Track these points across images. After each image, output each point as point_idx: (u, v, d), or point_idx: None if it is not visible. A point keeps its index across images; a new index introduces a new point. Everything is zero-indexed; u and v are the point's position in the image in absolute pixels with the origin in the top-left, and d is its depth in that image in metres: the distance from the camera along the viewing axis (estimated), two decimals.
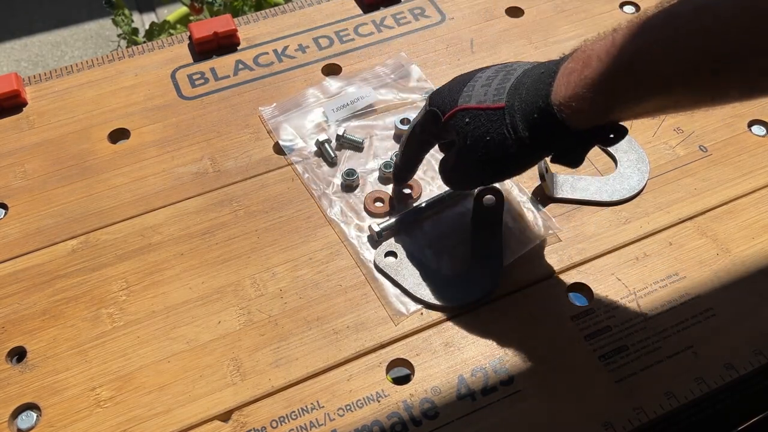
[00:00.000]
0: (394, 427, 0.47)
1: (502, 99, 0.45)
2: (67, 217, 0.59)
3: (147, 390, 0.49)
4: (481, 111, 0.45)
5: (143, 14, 1.94)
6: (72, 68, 0.71)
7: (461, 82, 0.48)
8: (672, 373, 0.49)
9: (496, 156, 0.45)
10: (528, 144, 0.44)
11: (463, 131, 0.46)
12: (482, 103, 0.45)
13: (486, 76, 0.47)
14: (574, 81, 0.41)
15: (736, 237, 0.56)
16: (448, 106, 0.47)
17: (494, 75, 0.47)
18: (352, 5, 0.77)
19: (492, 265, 0.54)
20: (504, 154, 0.45)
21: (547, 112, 0.42)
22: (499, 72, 0.47)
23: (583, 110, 0.41)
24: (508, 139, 0.44)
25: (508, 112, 0.44)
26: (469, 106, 0.46)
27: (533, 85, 0.44)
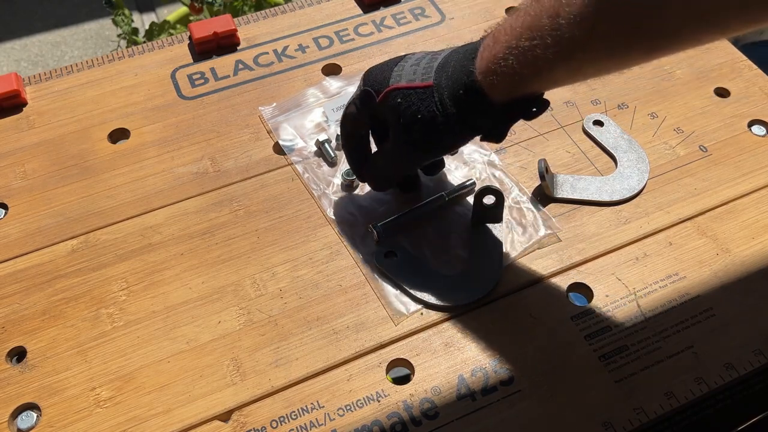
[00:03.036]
0: (394, 427, 0.47)
1: (430, 77, 0.47)
2: (67, 217, 0.59)
3: (147, 390, 0.49)
4: (411, 90, 0.47)
5: (143, 14, 1.94)
6: (72, 68, 0.71)
7: (392, 62, 0.50)
8: (672, 373, 0.49)
9: (428, 133, 0.47)
10: (456, 119, 0.46)
11: (396, 111, 0.48)
12: (412, 82, 0.47)
13: (416, 57, 0.49)
14: (488, 56, 0.44)
15: (736, 237, 0.56)
16: (382, 85, 0.49)
17: (423, 56, 0.49)
18: (352, 5, 0.77)
19: (492, 265, 0.54)
20: (435, 131, 0.47)
21: (471, 87, 0.44)
22: (428, 54, 0.49)
23: (498, 82, 0.43)
24: (438, 116, 0.46)
25: (437, 89, 0.46)
26: (400, 85, 0.48)
27: (459, 63, 0.46)
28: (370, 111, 0.51)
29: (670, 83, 0.68)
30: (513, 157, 0.62)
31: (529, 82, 0.43)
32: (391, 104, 0.48)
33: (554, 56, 0.40)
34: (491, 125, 0.47)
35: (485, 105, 0.45)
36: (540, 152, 0.63)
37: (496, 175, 0.61)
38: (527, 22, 0.41)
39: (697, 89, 0.67)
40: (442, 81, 0.46)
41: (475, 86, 0.44)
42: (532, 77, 0.43)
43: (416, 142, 0.48)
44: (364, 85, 0.51)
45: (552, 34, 0.40)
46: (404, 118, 0.48)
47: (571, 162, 0.62)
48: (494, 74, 0.43)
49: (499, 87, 0.44)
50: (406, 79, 0.48)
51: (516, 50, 0.41)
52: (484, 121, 0.47)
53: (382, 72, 0.50)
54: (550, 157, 0.62)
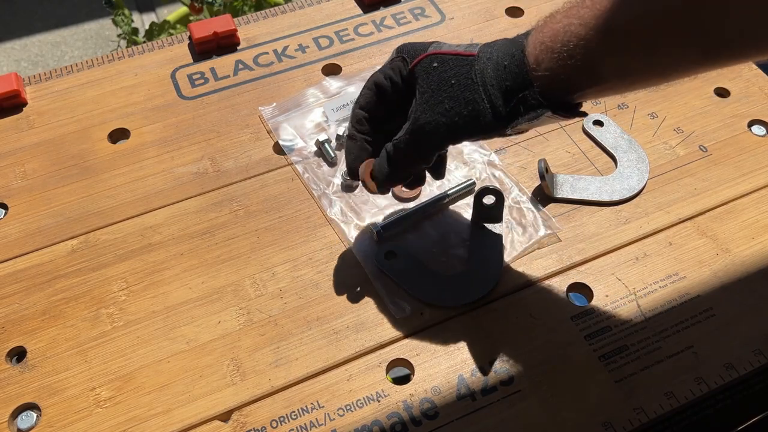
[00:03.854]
0: (394, 427, 0.47)
1: (474, 49, 0.44)
2: (67, 217, 0.59)
3: (147, 390, 0.49)
4: (451, 56, 0.43)
5: (143, 14, 1.94)
6: (72, 68, 0.71)
7: (431, 41, 0.47)
8: (672, 373, 0.49)
9: (458, 103, 0.42)
10: (493, 94, 0.42)
11: (429, 75, 0.43)
12: (454, 50, 0.44)
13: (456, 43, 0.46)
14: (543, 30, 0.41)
15: (736, 237, 0.56)
16: (418, 52, 0.45)
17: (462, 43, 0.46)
18: (352, 5, 0.77)
19: (492, 265, 0.54)
20: (468, 99, 0.42)
21: (519, 59, 0.41)
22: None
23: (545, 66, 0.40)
24: (473, 84, 0.42)
25: (479, 60, 0.43)
26: (440, 51, 0.44)
27: (508, 42, 0.43)
28: (400, 79, 0.46)
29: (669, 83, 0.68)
30: (513, 157, 0.62)
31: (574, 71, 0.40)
32: (425, 69, 0.44)
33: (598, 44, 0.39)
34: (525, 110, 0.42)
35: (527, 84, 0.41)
36: (540, 152, 0.63)
37: (496, 175, 0.61)
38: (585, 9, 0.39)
39: (697, 89, 0.67)
40: (488, 52, 0.43)
41: (523, 59, 0.41)
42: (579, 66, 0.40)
43: (444, 111, 0.43)
44: (398, 52, 0.46)
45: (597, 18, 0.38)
46: (436, 83, 0.43)
47: (571, 162, 0.62)
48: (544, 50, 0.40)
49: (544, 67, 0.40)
50: (448, 47, 0.44)
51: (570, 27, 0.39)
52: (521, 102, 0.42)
53: (421, 44, 0.46)
54: (550, 157, 0.62)
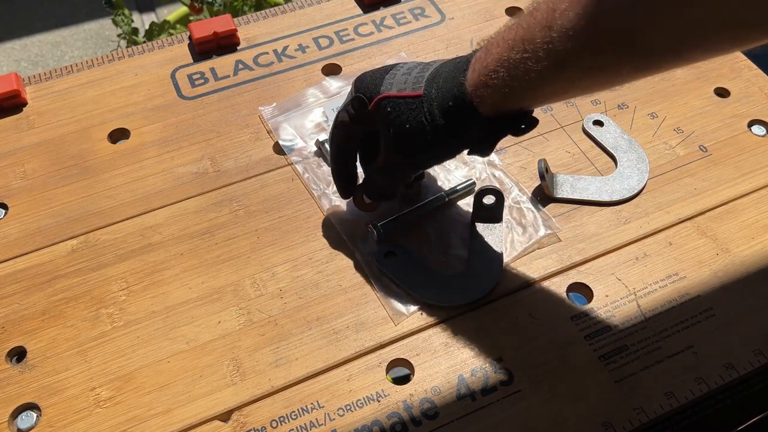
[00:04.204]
0: (394, 427, 0.47)
1: (420, 87, 0.46)
2: (67, 217, 0.59)
3: (147, 390, 0.49)
4: (401, 99, 0.47)
5: (143, 14, 1.94)
6: (72, 68, 0.71)
7: (384, 69, 0.50)
8: (672, 373, 0.49)
9: (415, 144, 0.47)
10: (444, 132, 0.46)
11: (386, 120, 0.48)
12: (402, 91, 0.47)
13: (408, 66, 0.49)
14: (479, 68, 0.43)
15: (736, 237, 0.56)
16: (373, 93, 0.49)
17: (415, 66, 0.49)
18: (352, 5, 0.77)
19: (492, 265, 0.54)
20: (423, 141, 0.47)
21: (461, 99, 0.44)
22: (420, 64, 0.49)
23: (488, 95, 0.43)
24: (426, 127, 0.46)
25: (426, 100, 0.46)
26: (390, 94, 0.47)
27: (450, 74, 0.45)
28: (362, 119, 0.50)
29: (670, 83, 0.68)
30: (513, 157, 0.62)
31: (519, 95, 0.43)
32: (381, 113, 0.48)
33: (545, 69, 0.40)
34: (479, 139, 0.47)
35: (474, 118, 0.44)
36: (540, 152, 0.62)
37: (496, 175, 0.61)
38: (519, 34, 0.41)
39: (697, 89, 0.67)
40: (432, 91, 0.46)
41: (465, 98, 0.44)
42: (522, 91, 0.42)
43: (405, 152, 0.48)
44: (356, 92, 0.50)
45: (544, 48, 0.39)
46: (393, 128, 0.47)
47: (571, 162, 0.62)
48: (485, 86, 0.43)
49: (489, 100, 0.43)
50: (397, 87, 0.47)
51: (507, 62, 0.41)
52: (472, 134, 0.46)
53: (374, 79, 0.49)
54: (550, 157, 0.62)
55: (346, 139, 0.53)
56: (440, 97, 0.45)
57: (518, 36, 0.41)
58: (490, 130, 0.46)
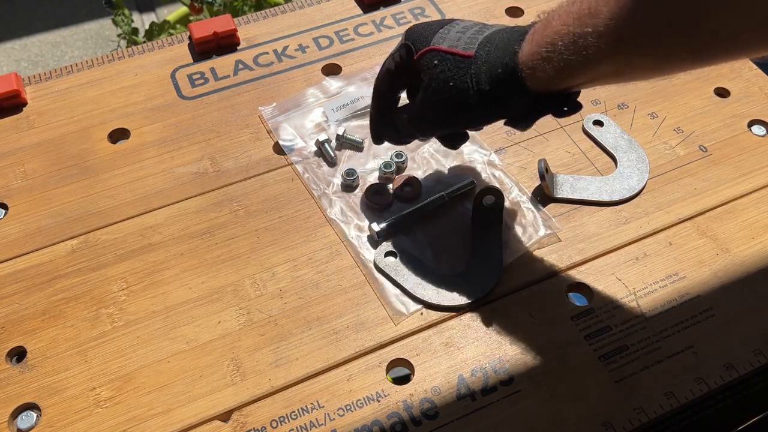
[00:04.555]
0: (394, 427, 0.47)
1: (472, 48, 0.45)
2: (67, 217, 0.59)
3: (147, 390, 0.49)
4: (450, 55, 0.46)
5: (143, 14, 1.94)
6: (72, 68, 0.71)
7: (439, 23, 0.49)
8: (672, 373, 0.49)
9: (455, 103, 0.46)
10: (486, 98, 0.45)
11: (431, 73, 0.47)
12: (453, 48, 0.46)
13: (463, 25, 0.48)
14: (537, 39, 0.42)
15: (736, 237, 0.56)
16: (422, 44, 0.48)
17: (472, 25, 0.48)
18: (352, 5, 0.77)
19: (492, 265, 0.54)
20: (464, 103, 0.46)
21: (511, 68, 0.43)
22: (477, 24, 0.48)
23: (541, 68, 0.42)
24: (469, 89, 0.45)
25: (475, 62, 0.45)
26: (440, 48, 0.47)
27: (503, 41, 0.44)
28: (407, 67, 0.49)
29: (670, 83, 0.68)
30: (513, 157, 0.62)
31: (573, 72, 0.41)
32: (426, 65, 0.47)
33: (606, 46, 0.39)
34: (520, 112, 0.46)
35: (520, 89, 0.43)
36: (540, 152, 0.63)
37: (496, 175, 0.61)
38: (584, 7, 0.39)
39: (697, 89, 0.67)
40: (484, 54, 0.44)
41: (516, 68, 0.43)
42: (578, 67, 0.41)
43: (443, 108, 0.47)
44: (405, 40, 0.49)
45: (606, 23, 0.38)
46: (436, 83, 0.46)
47: (571, 162, 0.62)
48: (540, 58, 0.41)
49: (541, 73, 0.42)
50: (449, 43, 0.46)
51: (567, 36, 0.40)
52: (515, 106, 0.45)
53: (426, 30, 0.48)
54: (550, 157, 0.62)
55: (389, 85, 0.52)
56: (490, 62, 0.44)
57: (582, 9, 0.40)
58: (534, 106, 0.45)
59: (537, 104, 0.45)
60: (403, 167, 0.61)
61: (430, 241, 0.57)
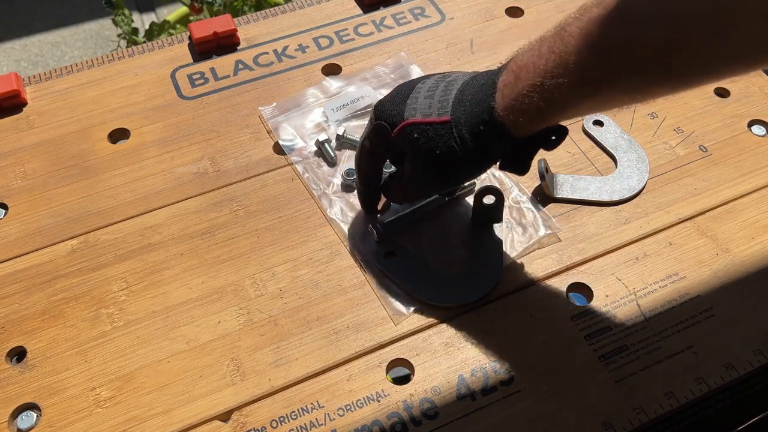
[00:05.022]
0: (394, 427, 0.47)
1: (447, 112, 0.46)
2: (67, 217, 0.59)
3: (147, 390, 0.49)
4: (428, 125, 0.46)
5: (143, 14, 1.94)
6: (72, 68, 0.71)
7: (404, 93, 0.49)
8: (672, 373, 0.49)
9: (446, 167, 0.47)
10: (475, 153, 0.46)
11: (413, 146, 0.47)
12: (428, 117, 0.47)
13: (427, 87, 0.48)
14: (509, 94, 0.43)
15: (736, 237, 0.56)
16: (396, 119, 0.48)
17: (435, 85, 0.48)
18: (352, 5, 0.77)
19: (492, 265, 0.54)
20: (454, 165, 0.47)
21: (492, 124, 0.44)
22: (440, 82, 0.48)
23: (521, 120, 0.43)
24: (457, 152, 0.46)
25: (455, 125, 0.45)
26: (416, 120, 0.47)
27: (476, 98, 0.45)
28: (385, 144, 0.50)
29: None
30: None
31: (552, 116, 0.43)
32: (407, 139, 0.48)
33: (581, 92, 0.40)
34: (511, 157, 0.47)
35: (507, 139, 0.44)
36: (540, 152, 0.62)
37: (496, 175, 0.61)
38: (552, 60, 0.40)
39: (697, 89, 0.67)
40: (461, 116, 0.45)
41: (496, 122, 0.44)
42: (556, 113, 0.43)
43: (434, 174, 0.48)
44: (376, 119, 0.50)
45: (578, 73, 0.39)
46: (422, 153, 0.47)
47: (571, 162, 0.62)
48: (517, 111, 0.43)
49: (522, 123, 0.43)
50: (422, 113, 0.47)
51: (540, 88, 0.41)
52: (505, 152, 0.46)
53: (394, 105, 0.49)
54: (550, 157, 0.62)
55: (370, 164, 0.53)
56: (469, 122, 0.45)
57: (551, 62, 0.40)
58: (523, 149, 0.46)
59: (525, 146, 0.46)
60: None
61: (430, 241, 0.57)
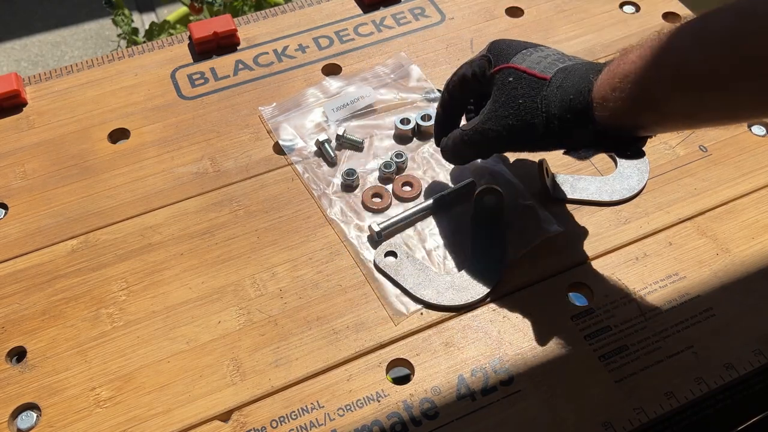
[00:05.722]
0: (394, 427, 0.47)
1: (550, 72, 0.46)
2: (67, 217, 0.59)
3: (147, 390, 0.49)
4: (526, 75, 0.47)
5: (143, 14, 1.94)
6: (72, 68, 0.71)
7: (524, 44, 0.50)
8: (672, 373, 0.49)
9: (520, 121, 0.46)
10: (552, 122, 0.45)
11: (503, 87, 0.48)
12: (531, 69, 0.47)
13: (547, 52, 0.48)
14: (612, 70, 0.42)
15: (736, 237, 0.56)
16: (502, 60, 0.49)
17: (554, 53, 0.48)
18: (352, 5, 0.77)
19: (492, 264, 0.54)
20: (528, 123, 0.46)
21: (583, 99, 0.43)
22: (560, 53, 0.49)
23: (611, 100, 0.42)
24: (538, 109, 0.46)
25: (549, 86, 0.45)
26: (519, 66, 0.47)
27: (581, 71, 0.45)
28: (482, 77, 0.50)
29: None
30: (513, 156, 0.62)
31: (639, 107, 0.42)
32: (502, 80, 0.48)
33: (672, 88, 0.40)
34: (582, 144, 0.46)
35: (587, 121, 0.43)
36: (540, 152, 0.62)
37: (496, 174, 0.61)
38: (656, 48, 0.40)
39: None
40: (559, 80, 0.45)
41: (587, 97, 0.43)
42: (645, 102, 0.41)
43: (507, 124, 0.47)
44: (487, 52, 0.50)
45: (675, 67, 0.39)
46: (506, 97, 0.47)
47: (571, 162, 0.62)
48: (610, 88, 0.42)
49: (610, 103, 0.42)
50: (528, 64, 0.47)
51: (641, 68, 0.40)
52: (578, 137, 0.45)
53: (509, 47, 0.49)
54: (550, 157, 0.62)
55: (461, 90, 0.53)
56: (564, 87, 0.45)
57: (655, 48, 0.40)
58: (596, 140, 0.45)
59: (600, 137, 0.44)
60: (403, 167, 0.61)
61: (431, 241, 0.57)
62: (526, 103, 0.46)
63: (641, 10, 0.75)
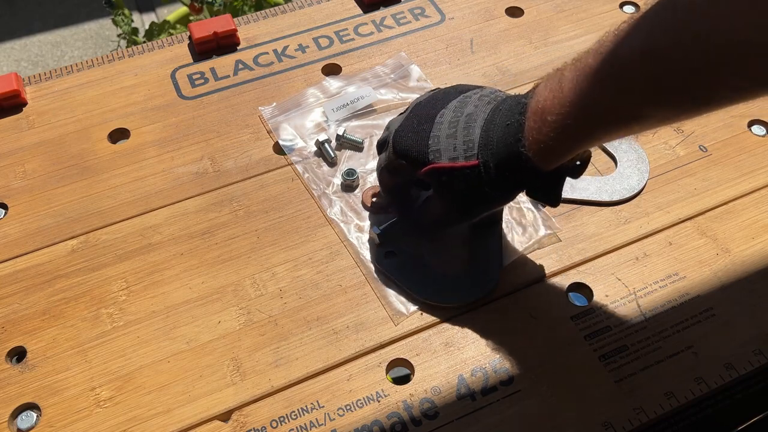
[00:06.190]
0: (394, 427, 0.47)
1: (474, 155, 0.46)
2: (67, 217, 0.59)
3: (147, 390, 0.49)
4: (456, 170, 0.46)
5: (143, 14, 1.94)
6: (72, 68, 0.71)
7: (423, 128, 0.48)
8: (672, 373, 0.49)
9: (477, 205, 0.49)
10: (507, 192, 0.47)
11: (442, 187, 0.48)
12: (455, 161, 0.46)
13: (447, 122, 0.47)
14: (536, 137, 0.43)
15: (736, 237, 0.56)
16: (420, 158, 0.48)
17: (455, 119, 0.47)
18: (352, 5, 0.77)
19: (492, 264, 0.54)
20: (485, 202, 0.48)
21: (522, 165, 0.44)
22: (459, 115, 0.47)
23: (551, 157, 0.43)
24: (489, 194, 0.47)
25: (484, 169, 0.45)
26: (443, 165, 0.47)
27: (502, 141, 0.45)
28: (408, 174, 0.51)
29: None
30: None
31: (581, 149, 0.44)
32: (435, 180, 0.48)
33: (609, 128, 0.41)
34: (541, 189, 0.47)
35: (536, 175, 0.44)
36: None
37: None
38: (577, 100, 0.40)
39: None
40: (489, 159, 0.45)
41: (526, 165, 0.43)
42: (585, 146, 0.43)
43: (464, 211, 0.50)
44: (396, 155, 0.50)
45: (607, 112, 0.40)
46: (452, 194, 0.48)
47: None
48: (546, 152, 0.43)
49: (551, 159, 0.43)
50: (447, 156, 0.46)
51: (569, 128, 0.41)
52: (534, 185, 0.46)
53: (416, 143, 0.48)
54: None
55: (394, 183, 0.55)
56: (498, 165, 0.45)
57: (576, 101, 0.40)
58: (553, 181, 0.46)
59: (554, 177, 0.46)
60: None
61: (430, 241, 0.57)
62: (473, 192, 0.47)
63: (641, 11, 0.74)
